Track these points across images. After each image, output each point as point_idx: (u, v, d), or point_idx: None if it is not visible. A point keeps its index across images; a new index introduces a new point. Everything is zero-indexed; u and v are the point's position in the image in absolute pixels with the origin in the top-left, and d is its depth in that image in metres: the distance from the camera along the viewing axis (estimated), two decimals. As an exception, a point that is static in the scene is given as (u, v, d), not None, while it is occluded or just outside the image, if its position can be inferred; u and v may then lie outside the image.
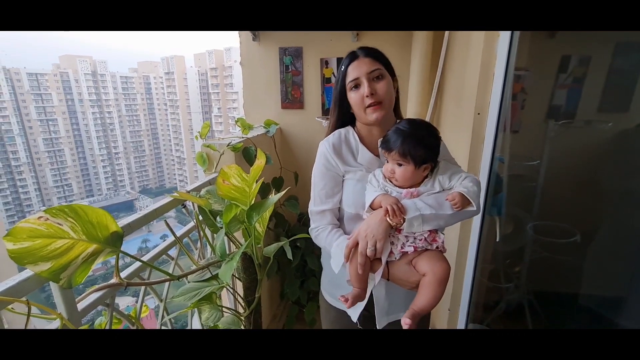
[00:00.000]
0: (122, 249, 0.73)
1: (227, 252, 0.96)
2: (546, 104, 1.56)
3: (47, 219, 0.59)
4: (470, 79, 1.37)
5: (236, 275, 1.17)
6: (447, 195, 0.79)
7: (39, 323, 0.68)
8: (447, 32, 1.69)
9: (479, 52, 1.29)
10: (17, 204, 43.77)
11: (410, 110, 1.97)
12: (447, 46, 1.70)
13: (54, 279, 0.61)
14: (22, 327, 0.60)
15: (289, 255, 1.09)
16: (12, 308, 0.60)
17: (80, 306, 0.70)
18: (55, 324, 0.63)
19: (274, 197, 0.94)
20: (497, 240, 1.44)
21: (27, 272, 0.60)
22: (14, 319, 0.59)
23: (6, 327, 0.59)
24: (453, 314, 1.61)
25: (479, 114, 1.33)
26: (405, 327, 0.71)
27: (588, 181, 1.50)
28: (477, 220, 1.40)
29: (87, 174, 53.81)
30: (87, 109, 52.47)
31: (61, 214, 0.61)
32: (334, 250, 0.89)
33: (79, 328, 0.65)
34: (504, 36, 1.20)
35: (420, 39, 1.85)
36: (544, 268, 1.68)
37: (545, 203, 1.63)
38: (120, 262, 0.77)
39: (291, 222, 2.16)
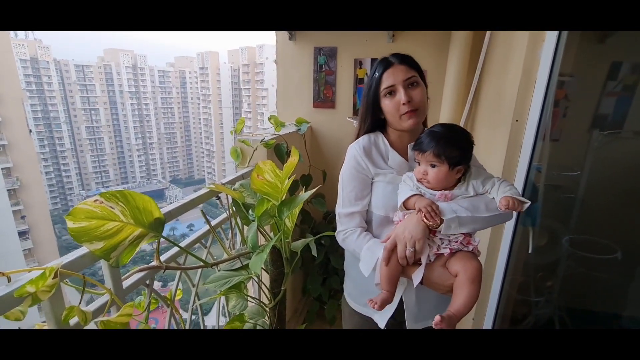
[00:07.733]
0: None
1: (258, 245, 1.00)
2: (591, 112, 1.47)
3: (102, 202, 0.65)
4: (510, 84, 1.33)
5: (264, 267, 1.21)
6: (500, 204, 0.77)
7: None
8: (487, 35, 1.64)
9: (521, 56, 1.25)
10: (60, 187, 46.92)
11: (444, 114, 1.92)
12: (486, 49, 1.65)
13: (105, 257, 0.66)
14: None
15: (314, 252, 1.11)
16: (67, 281, 0.66)
17: (125, 284, 0.75)
18: (104, 299, 0.69)
19: (305, 195, 0.96)
20: (530, 251, 1.38)
21: (84, 250, 0.65)
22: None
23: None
24: (477, 323, 1.58)
25: (517, 120, 1.29)
26: (435, 327, 0.68)
27: (634, 196, 1.41)
28: (509, 229, 1.36)
29: (124, 161, 56.78)
30: (127, 100, 55.26)
31: (113, 199, 0.67)
32: (364, 254, 0.87)
33: (125, 305, 0.70)
34: (549, 40, 1.15)
35: (459, 41, 1.80)
36: (579, 284, 1.60)
37: (584, 216, 1.54)
38: (149, 248, 0.82)
39: (317, 219, 2.18)
